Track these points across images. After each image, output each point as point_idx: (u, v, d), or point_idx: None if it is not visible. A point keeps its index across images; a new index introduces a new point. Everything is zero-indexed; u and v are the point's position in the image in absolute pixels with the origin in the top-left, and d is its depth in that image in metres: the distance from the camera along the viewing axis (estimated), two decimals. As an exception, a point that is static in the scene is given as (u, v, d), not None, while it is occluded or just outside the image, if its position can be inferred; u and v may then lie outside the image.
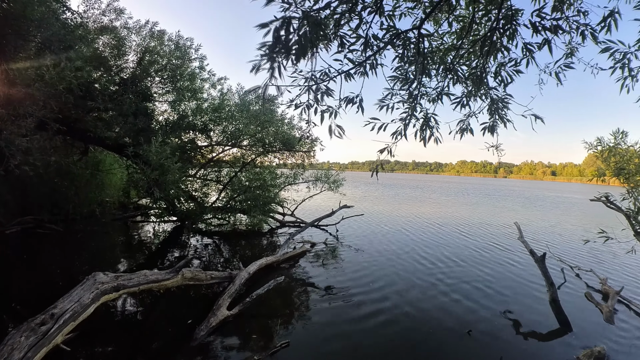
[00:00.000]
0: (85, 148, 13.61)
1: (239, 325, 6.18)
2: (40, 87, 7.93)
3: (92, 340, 5.43)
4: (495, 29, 3.97)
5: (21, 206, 11.56)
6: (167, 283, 6.50)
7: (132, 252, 10.97)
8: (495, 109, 4.49)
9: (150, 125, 12.26)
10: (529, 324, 6.83)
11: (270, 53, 3.06)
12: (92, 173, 14.12)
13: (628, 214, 6.66)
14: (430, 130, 4.41)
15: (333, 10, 3.54)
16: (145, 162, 10.21)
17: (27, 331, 4.22)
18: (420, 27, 3.98)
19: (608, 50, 3.91)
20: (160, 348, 5.45)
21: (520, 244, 10.11)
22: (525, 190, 70.65)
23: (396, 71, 4.50)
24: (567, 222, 23.02)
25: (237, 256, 10.66)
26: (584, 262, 11.46)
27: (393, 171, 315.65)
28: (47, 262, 9.17)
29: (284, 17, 3.03)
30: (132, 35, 12.08)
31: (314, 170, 17.09)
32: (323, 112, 3.99)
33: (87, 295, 5.08)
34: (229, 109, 13.38)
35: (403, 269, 9.92)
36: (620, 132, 6.86)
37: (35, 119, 8.10)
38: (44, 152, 8.99)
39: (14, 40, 8.12)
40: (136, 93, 11.53)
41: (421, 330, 6.37)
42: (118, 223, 14.62)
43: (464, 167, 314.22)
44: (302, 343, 5.72)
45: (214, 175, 14.66)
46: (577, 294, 8.54)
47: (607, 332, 6.62)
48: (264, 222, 14.51)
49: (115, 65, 11.77)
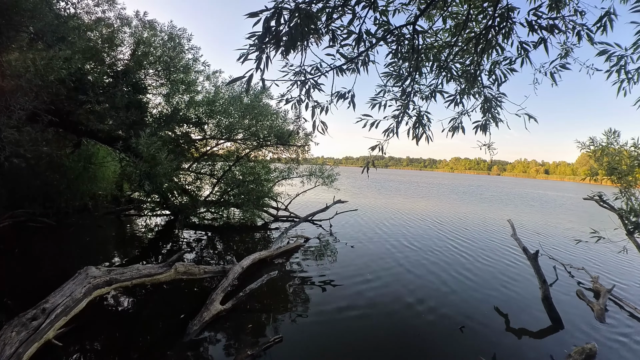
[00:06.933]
0: (78, 141, 13.45)
1: (232, 319, 6.19)
2: (30, 77, 7.81)
3: (84, 335, 5.40)
4: (490, 26, 3.96)
5: (12, 199, 11.42)
6: (160, 277, 6.49)
7: (125, 246, 10.91)
8: (488, 108, 4.50)
9: (143, 118, 12.14)
10: (521, 321, 6.90)
11: (260, 43, 3.03)
12: (85, 166, 13.95)
13: (620, 213, 6.72)
14: (423, 128, 4.41)
15: (325, 2, 3.51)
16: (136, 155, 10.13)
17: (18, 326, 4.20)
18: (414, 23, 3.96)
19: (605, 53, 3.91)
20: (153, 343, 5.44)
21: (514, 241, 10.19)
22: (518, 188, 71.15)
23: (389, 67, 4.48)
24: (564, 220, 23.23)
25: (231, 250, 10.65)
26: (576, 261, 11.60)
27: (387, 167, 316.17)
28: (39, 256, 9.09)
29: (275, 8, 3.00)
30: (125, 26, 11.93)
31: (308, 165, 17.07)
32: (314, 107, 3.98)
33: (79, 289, 5.06)
34: (223, 101, 13.28)
35: (396, 265, 9.97)
36: (612, 132, 6.90)
37: (27, 111, 7.99)
38: (35, 144, 8.88)
39: (6, 31, 7.98)
40: (129, 85, 11.40)
41: (413, 326, 6.41)
42: (111, 217, 14.50)
43: (457, 164, 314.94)
44: (295, 338, 5.74)
45: (208, 169, 14.57)
46: (569, 292, 8.65)
47: (598, 330, 6.71)
48: (258, 216, 14.51)
49: (108, 57, 11.63)
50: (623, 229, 6.83)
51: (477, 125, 4.55)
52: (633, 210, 6.44)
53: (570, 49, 4.19)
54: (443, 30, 4.54)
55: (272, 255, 9.67)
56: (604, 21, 3.75)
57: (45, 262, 8.74)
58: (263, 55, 3.09)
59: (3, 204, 10.97)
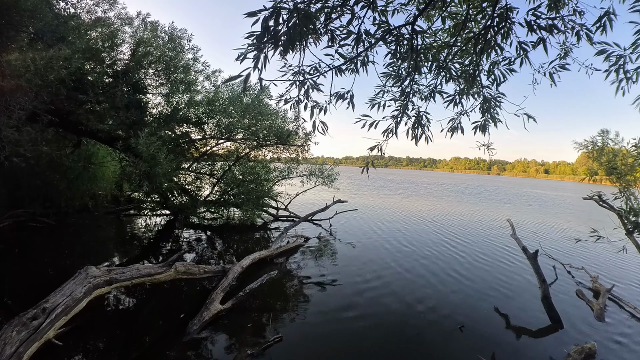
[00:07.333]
0: (78, 141, 13.48)
1: (232, 319, 6.19)
2: (30, 77, 7.82)
3: (85, 335, 5.41)
4: (489, 27, 3.96)
5: (12, 199, 11.43)
6: (160, 277, 6.49)
7: (125, 245, 10.92)
8: (487, 108, 4.50)
9: (143, 118, 12.15)
10: (521, 320, 6.91)
11: (258, 43, 3.04)
12: (85, 166, 13.98)
13: (620, 213, 6.72)
14: (422, 128, 4.41)
15: (324, 2, 3.51)
16: (136, 155, 10.14)
17: (18, 326, 4.20)
18: (413, 23, 3.97)
19: (603, 52, 3.91)
20: (153, 342, 5.45)
21: (513, 241, 10.19)
22: (517, 188, 71.09)
23: (388, 67, 4.48)
24: (562, 220, 23.23)
25: (231, 250, 10.66)
26: (573, 260, 11.61)
27: (387, 167, 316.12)
28: (39, 256, 9.10)
29: (274, 7, 3.00)
30: (125, 26, 11.95)
31: (308, 164, 17.06)
32: (313, 107, 3.98)
33: (79, 289, 5.06)
34: (222, 101, 13.28)
35: (396, 264, 9.98)
36: (606, 132, 6.91)
37: (26, 111, 8.00)
38: (35, 143, 8.88)
39: (6, 31, 7.99)
40: (129, 85, 11.40)
41: (413, 325, 6.42)
42: (111, 216, 14.52)
43: (457, 164, 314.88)
44: (295, 337, 5.75)
45: (208, 168, 14.57)
46: (569, 292, 8.65)
47: (598, 329, 6.72)
48: (258, 216, 14.51)
49: (108, 57, 11.63)
50: (622, 229, 6.84)
51: (476, 125, 4.55)
52: (633, 209, 6.44)
53: (569, 49, 4.19)
54: (442, 30, 4.54)
55: (272, 255, 9.68)
56: (603, 21, 3.75)
57: (45, 261, 8.74)
58: (261, 54, 3.10)
59: (3, 203, 10.98)
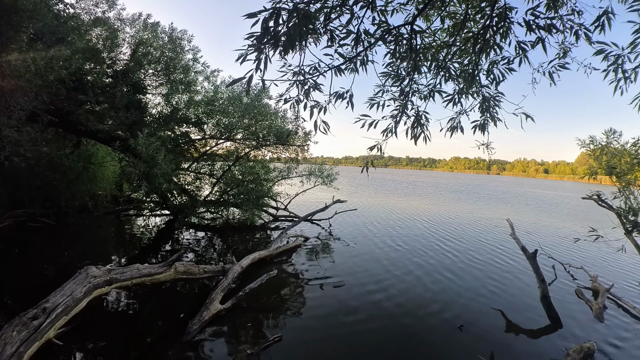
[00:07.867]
0: (78, 141, 13.47)
1: (231, 319, 6.20)
2: (30, 77, 7.83)
3: (85, 335, 5.42)
4: (488, 26, 3.97)
5: (12, 199, 11.44)
6: (160, 277, 6.50)
7: (125, 245, 10.92)
8: (486, 107, 4.51)
9: (143, 118, 12.15)
10: (520, 319, 6.91)
11: (258, 44, 3.04)
12: (85, 166, 13.98)
13: (619, 212, 6.73)
14: (421, 127, 4.42)
15: (323, 2, 3.52)
16: (135, 155, 10.15)
17: (19, 325, 4.21)
18: (412, 23, 3.98)
19: (602, 52, 3.92)
20: (153, 342, 5.46)
21: (512, 240, 10.20)
22: (517, 187, 71.12)
23: (388, 67, 4.49)
24: (561, 219, 23.26)
25: (230, 250, 10.66)
26: (574, 260, 11.62)
27: (387, 166, 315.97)
28: (39, 256, 9.10)
29: (273, 8, 3.01)
30: (125, 27, 11.96)
31: (307, 164, 17.06)
32: (312, 107, 3.99)
33: (79, 289, 5.07)
34: (222, 101, 13.29)
35: (395, 264, 9.99)
36: (612, 132, 6.90)
37: (26, 111, 8.01)
38: (35, 143, 8.89)
39: (5, 31, 7.99)
40: (129, 85, 11.41)
41: (413, 325, 6.43)
42: (110, 216, 14.53)
43: (457, 164, 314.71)
44: (295, 337, 5.76)
45: (207, 168, 14.57)
46: (568, 291, 8.66)
47: (597, 329, 6.73)
48: (257, 216, 14.52)
49: (108, 58, 11.64)
50: (621, 228, 6.84)
51: (476, 124, 4.57)
52: (632, 209, 6.45)
53: (568, 49, 4.20)
54: (441, 30, 4.55)
55: (271, 255, 9.68)
56: (602, 20, 3.75)
57: (46, 261, 8.74)
58: (262, 55, 3.10)
59: (3, 203, 10.99)
